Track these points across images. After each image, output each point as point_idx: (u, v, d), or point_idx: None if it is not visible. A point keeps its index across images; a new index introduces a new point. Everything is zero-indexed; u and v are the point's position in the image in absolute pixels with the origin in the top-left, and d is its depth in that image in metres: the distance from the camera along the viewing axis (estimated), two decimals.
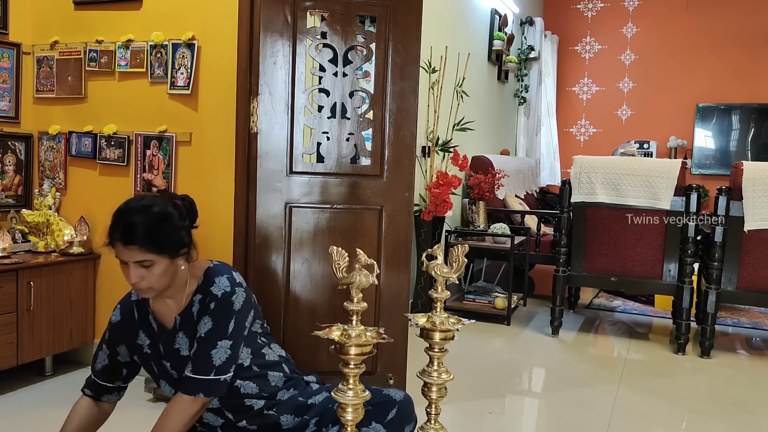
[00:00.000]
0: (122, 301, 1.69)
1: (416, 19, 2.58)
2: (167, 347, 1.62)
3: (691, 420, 2.82)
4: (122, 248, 1.47)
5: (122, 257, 1.49)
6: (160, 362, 1.63)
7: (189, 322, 1.60)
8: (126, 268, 1.50)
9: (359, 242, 2.55)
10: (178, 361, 1.60)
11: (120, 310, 1.67)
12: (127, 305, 1.67)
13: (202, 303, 1.58)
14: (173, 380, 1.62)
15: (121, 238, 1.47)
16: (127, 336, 1.65)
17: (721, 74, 6.62)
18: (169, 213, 1.54)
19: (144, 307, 1.64)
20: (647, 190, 3.66)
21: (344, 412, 1.19)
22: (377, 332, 1.20)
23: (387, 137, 2.59)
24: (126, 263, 1.50)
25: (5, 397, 2.69)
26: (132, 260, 1.48)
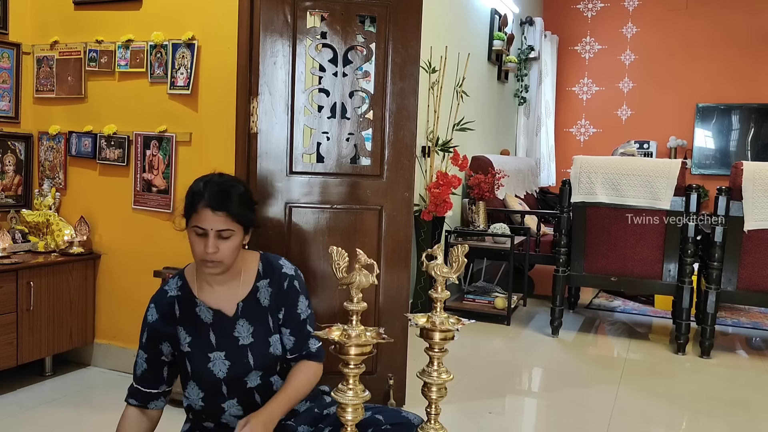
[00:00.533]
0: (156, 299, 1.61)
1: (416, 19, 2.58)
2: (223, 336, 1.56)
3: (691, 420, 2.82)
4: (210, 214, 1.47)
5: (205, 224, 1.47)
6: (204, 355, 1.55)
7: (254, 308, 1.59)
8: (200, 239, 1.49)
9: (359, 242, 2.55)
10: (234, 350, 1.55)
11: (156, 308, 1.59)
12: (166, 301, 1.59)
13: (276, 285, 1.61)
14: (212, 378, 1.54)
15: (212, 204, 1.47)
16: (169, 333, 1.58)
17: (720, 74, 6.62)
18: (249, 193, 1.59)
19: (188, 300, 1.58)
20: (647, 190, 3.66)
21: (344, 412, 1.19)
22: (377, 332, 1.20)
23: (387, 137, 2.59)
24: (204, 232, 1.48)
25: (5, 397, 2.69)
26: (215, 228, 1.47)
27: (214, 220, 1.48)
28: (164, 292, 1.61)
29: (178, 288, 1.60)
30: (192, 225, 1.50)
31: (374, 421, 1.52)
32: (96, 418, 2.55)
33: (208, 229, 1.48)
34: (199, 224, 1.48)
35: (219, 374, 1.54)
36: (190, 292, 1.59)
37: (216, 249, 1.48)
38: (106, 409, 2.63)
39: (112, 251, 3.01)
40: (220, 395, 1.55)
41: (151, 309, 1.59)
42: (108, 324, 3.04)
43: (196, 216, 1.49)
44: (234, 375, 1.55)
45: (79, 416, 2.57)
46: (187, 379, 1.57)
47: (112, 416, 2.54)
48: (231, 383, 1.55)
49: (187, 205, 1.52)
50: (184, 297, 1.59)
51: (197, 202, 1.49)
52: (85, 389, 2.83)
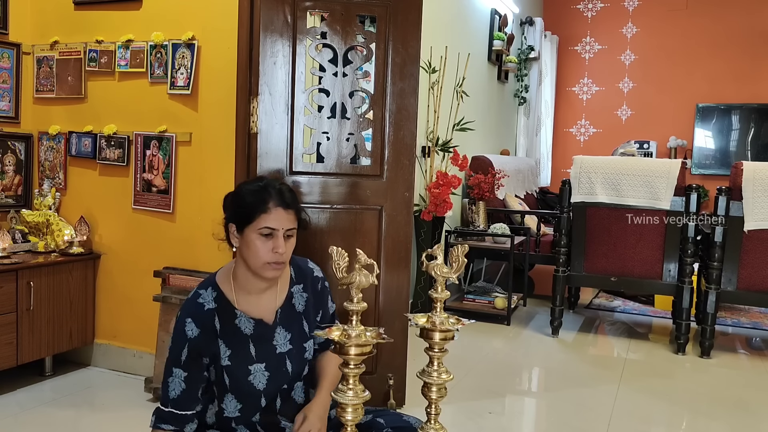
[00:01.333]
0: (191, 312, 1.51)
1: (416, 19, 2.58)
2: (262, 347, 1.53)
3: (691, 420, 2.82)
4: (282, 212, 1.48)
5: (275, 224, 1.47)
6: (245, 368, 1.51)
7: (290, 314, 1.59)
8: (265, 241, 1.47)
9: (359, 242, 2.55)
10: (273, 360, 1.53)
11: (195, 322, 1.49)
12: (204, 315, 1.51)
13: (311, 289, 1.63)
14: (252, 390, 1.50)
15: (283, 203, 1.49)
16: (210, 347, 1.50)
17: (720, 74, 6.62)
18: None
19: (227, 312, 1.53)
20: (647, 190, 3.66)
21: (344, 412, 1.18)
22: (377, 332, 1.20)
23: (387, 137, 2.59)
24: (271, 233, 1.47)
25: (5, 397, 2.69)
26: (285, 227, 1.49)
27: (285, 219, 1.49)
28: (200, 305, 1.52)
29: (214, 299, 1.53)
30: (259, 227, 1.47)
31: (376, 425, 1.52)
32: (96, 418, 2.55)
33: (279, 228, 1.47)
34: (269, 224, 1.47)
35: (259, 386, 1.52)
36: (228, 303, 1.53)
37: (285, 249, 1.48)
38: (106, 409, 2.63)
39: (112, 251, 3.01)
40: (257, 406, 1.53)
41: (189, 324, 1.49)
42: (108, 324, 3.04)
43: (265, 216, 1.47)
44: (274, 386, 1.53)
45: (79, 416, 2.57)
46: (223, 392, 1.51)
47: (112, 416, 2.55)
48: (269, 394, 1.53)
49: (250, 207, 1.48)
50: (222, 309, 1.53)
51: (267, 202, 1.48)
52: (85, 389, 2.83)
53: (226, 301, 1.53)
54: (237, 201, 1.53)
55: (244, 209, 1.50)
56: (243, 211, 1.50)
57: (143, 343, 2.91)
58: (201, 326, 1.50)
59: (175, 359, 1.49)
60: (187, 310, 1.52)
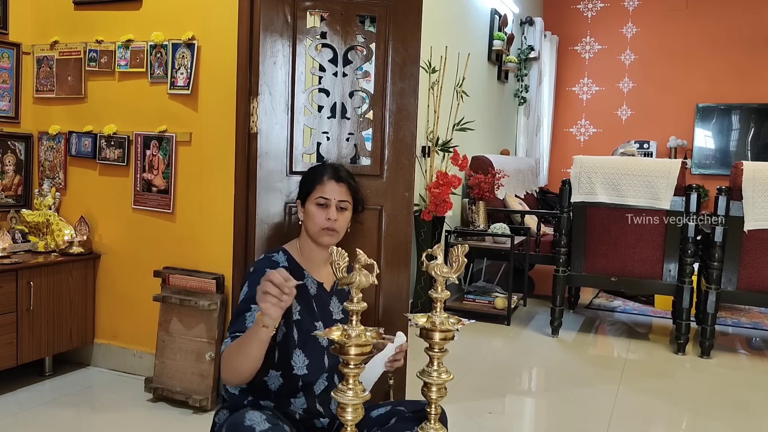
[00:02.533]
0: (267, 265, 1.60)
1: (416, 19, 2.58)
2: (322, 308, 1.68)
3: (691, 420, 2.82)
4: (334, 185, 1.69)
5: (329, 194, 1.67)
6: (312, 324, 1.62)
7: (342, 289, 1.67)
8: (321, 210, 1.66)
9: (359, 242, 2.55)
10: (330, 322, 1.64)
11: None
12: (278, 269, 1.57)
13: None
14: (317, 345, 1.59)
15: (336, 176, 1.72)
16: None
17: (721, 74, 6.62)
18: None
19: (297, 270, 1.67)
20: (647, 190, 3.66)
21: (344, 412, 1.18)
22: (377, 332, 1.20)
23: (387, 137, 2.59)
24: (326, 202, 1.66)
25: (5, 397, 2.69)
26: (337, 198, 1.68)
27: (338, 191, 1.69)
28: (274, 261, 1.66)
29: (286, 260, 1.68)
30: (316, 197, 1.68)
31: (397, 412, 1.57)
32: (96, 418, 2.55)
33: (332, 198, 1.68)
34: (323, 194, 1.67)
35: (322, 342, 1.60)
36: (297, 264, 1.69)
37: (336, 217, 1.67)
38: (106, 409, 2.63)
39: (112, 251, 3.01)
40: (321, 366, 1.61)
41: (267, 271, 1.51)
42: (108, 324, 3.04)
43: (320, 187, 1.68)
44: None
45: (79, 416, 2.57)
46: (291, 349, 1.59)
47: (112, 416, 2.55)
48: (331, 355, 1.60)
49: (309, 181, 1.72)
50: (293, 267, 1.67)
51: (323, 175, 1.71)
52: (85, 389, 2.83)
53: (295, 262, 1.69)
54: (302, 179, 1.78)
55: (305, 185, 1.74)
56: (305, 186, 1.74)
57: (143, 343, 2.91)
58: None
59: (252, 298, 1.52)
60: (263, 264, 1.64)
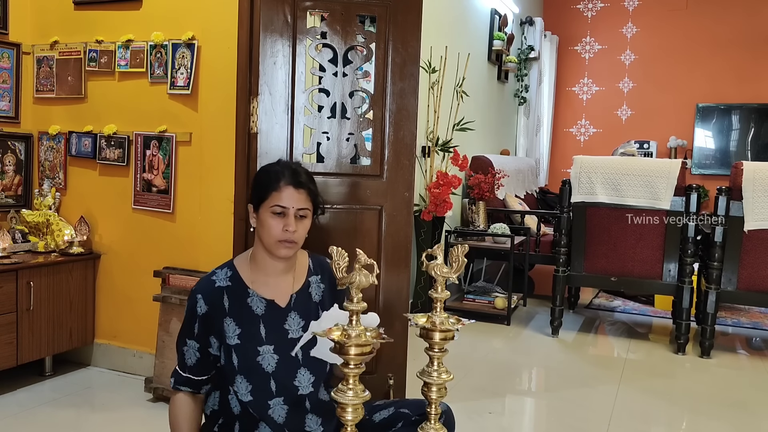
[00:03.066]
0: (202, 290, 1.56)
1: (416, 19, 2.58)
2: (273, 329, 1.55)
3: (691, 420, 2.82)
4: (292, 191, 1.52)
5: (286, 203, 1.52)
6: (254, 349, 1.52)
7: (304, 302, 1.59)
8: (277, 219, 1.51)
9: (359, 242, 2.55)
10: (284, 343, 1.53)
11: (204, 299, 1.54)
12: (214, 293, 1.55)
13: (329, 282, 1.64)
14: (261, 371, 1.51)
15: (294, 182, 1.53)
16: (216, 326, 1.54)
17: (721, 74, 6.62)
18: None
19: (239, 290, 1.56)
20: (647, 190, 3.66)
21: (344, 412, 1.18)
22: (377, 332, 1.20)
23: (387, 137, 2.59)
24: (283, 211, 1.51)
25: (5, 397, 2.69)
26: (296, 206, 1.52)
27: (296, 198, 1.52)
28: (211, 282, 1.57)
29: (228, 278, 1.57)
30: (271, 205, 1.52)
31: (402, 416, 1.53)
32: (96, 418, 2.55)
33: (290, 207, 1.52)
34: (279, 203, 1.51)
35: (267, 368, 1.52)
36: (242, 282, 1.57)
37: (296, 228, 1.52)
38: (106, 409, 2.63)
39: (112, 251, 3.01)
40: (267, 391, 1.52)
41: (199, 300, 1.54)
42: (108, 324, 3.04)
43: (276, 195, 1.52)
44: (282, 370, 1.53)
45: (79, 416, 2.57)
46: (233, 374, 1.52)
47: (112, 416, 2.55)
48: (279, 379, 1.52)
49: (264, 186, 1.54)
50: (235, 287, 1.56)
51: (279, 180, 1.52)
52: (85, 389, 2.83)
53: (240, 280, 1.57)
54: (254, 182, 1.60)
55: (259, 189, 1.56)
56: (258, 189, 1.56)
57: (143, 343, 2.92)
58: (209, 303, 1.54)
59: (189, 332, 1.55)
60: (198, 286, 1.57)
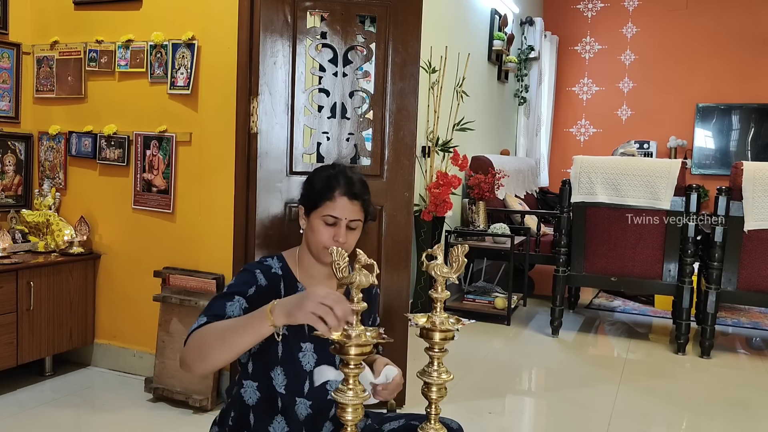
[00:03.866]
0: (260, 268, 1.50)
1: (416, 19, 2.58)
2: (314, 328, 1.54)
3: (691, 420, 2.82)
4: (347, 202, 1.48)
5: (340, 213, 1.47)
6: (297, 344, 1.47)
7: None
8: (328, 227, 1.48)
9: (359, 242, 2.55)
10: (323, 345, 1.46)
11: (264, 275, 1.48)
12: (272, 275, 1.50)
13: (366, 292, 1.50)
14: (300, 368, 1.46)
15: (349, 193, 1.48)
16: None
17: (721, 74, 6.62)
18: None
19: (291, 281, 1.53)
20: (647, 190, 3.66)
21: (344, 412, 1.18)
22: (377, 332, 1.20)
23: (387, 137, 2.59)
24: (336, 221, 1.48)
25: (5, 397, 2.69)
26: (349, 217, 1.48)
27: (350, 210, 1.49)
28: (267, 266, 1.52)
29: (280, 268, 1.54)
30: (324, 213, 1.48)
31: (413, 427, 1.49)
32: (96, 418, 2.55)
33: (342, 218, 1.48)
34: (332, 213, 1.48)
35: (306, 366, 1.48)
36: (292, 274, 1.54)
37: (346, 239, 1.49)
38: (106, 409, 2.63)
39: (112, 251, 3.01)
40: (300, 389, 1.48)
41: (259, 274, 1.48)
42: (108, 324, 3.04)
43: (330, 204, 1.48)
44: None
45: (79, 416, 2.57)
46: (274, 363, 1.47)
47: (112, 416, 2.55)
48: (312, 382, 1.48)
49: (317, 192, 1.49)
50: (287, 277, 1.53)
51: (334, 189, 1.48)
52: (85, 389, 2.83)
53: (290, 272, 1.54)
54: (307, 185, 1.55)
55: (312, 194, 1.52)
56: (311, 195, 1.52)
57: (143, 343, 2.92)
58: (269, 281, 1.49)
59: (241, 291, 1.43)
60: (255, 266, 1.52)
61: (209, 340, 1.27)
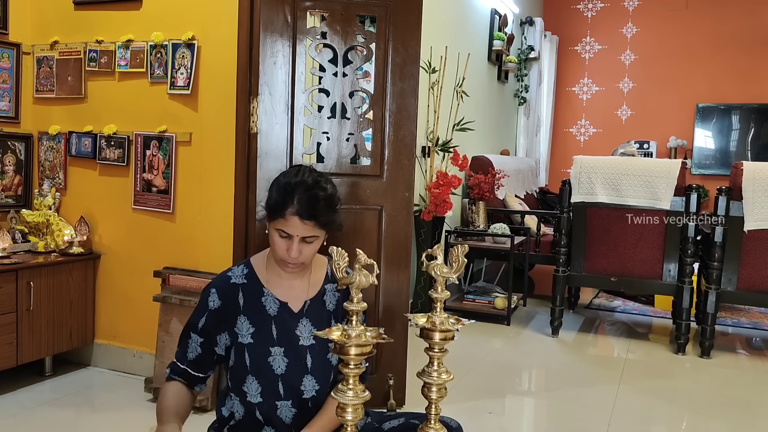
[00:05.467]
0: (217, 284, 1.54)
1: (416, 19, 2.58)
2: (284, 332, 1.52)
3: (691, 420, 2.82)
4: (298, 222, 1.45)
5: (290, 230, 1.46)
6: (266, 350, 1.50)
7: (317, 310, 1.57)
8: (283, 240, 1.48)
9: (359, 242, 2.55)
10: (294, 348, 1.51)
11: (218, 293, 1.52)
12: (230, 289, 1.53)
13: (344, 291, 1.53)
14: (271, 373, 1.49)
15: (302, 213, 1.45)
16: (228, 323, 1.51)
17: (721, 74, 6.62)
18: (336, 194, 1.55)
19: (255, 289, 1.54)
20: (647, 190, 3.66)
21: (344, 412, 1.18)
22: (377, 332, 1.20)
23: (387, 137, 2.59)
24: (289, 237, 1.47)
25: (5, 397, 2.69)
26: (300, 234, 1.46)
27: (302, 228, 1.46)
28: (227, 278, 1.55)
29: (244, 276, 1.55)
30: (277, 227, 1.48)
31: (412, 426, 1.50)
32: (96, 418, 2.55)
33: (294, 235, 1.46)
34: (284, 229, 1.46)
35: (277, 370, 1.50)
36: (258, 280, 1.55)
37: (299, 253, 1.48)
38: (106, 409, 2.64)
39: (112, 251, 3.01)
40: (276, 393, 1.50)
41: (213, 294, 1.52)
42: (108, 324, 3.04)
43: (282, 221, 1.46)
44: (291, 374, 1.51)
45: (79, 416, 2.57)
46: (245, 374, 1.50)
47: (112, 416, 2.55)
48: (287, 383, 1.51)
49: (273, 206, 1.48)
50: (250, 285, 1.54)
51: (285, 208, 1.45)
52: (85, 389, 2.83)
53: (256, 279, 1.55)
54: (269, 191, 1.53)
55: (269, 202, 1.51)
56: (268, 202, 1.51)
57: (143, 343, 2.92)
58: (223, 299, 1.52)
59: (194, 325, 1.53)
60: (214, 281, 1.56)
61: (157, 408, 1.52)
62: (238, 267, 1.58)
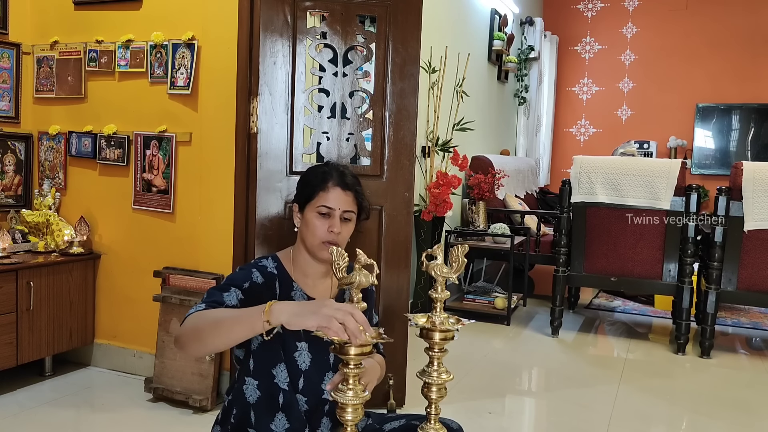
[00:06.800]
0: (257, 266, 1.53)
1: (416, 19, 2.59)
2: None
3: (691, 420, 2.82)
4: (340, 192, 1.52)
5: (333, 203, 1.51)
6: (293, 343, 1.49)
7: None
8: (322, 220, 1.51)
9: (359, 242, 2.55)
10: (318, 345, 1.50)
11: (260, 273, 1.51)
12: (268, 274, 1.53)
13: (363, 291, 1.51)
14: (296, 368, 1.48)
15: (342, 183, 1.52)
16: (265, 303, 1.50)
17: (721, 74, 6.62)
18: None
19: (286, 281, 1.55)
20: (647, 190, 3.66)
21: (344, 413, 1.18)
22: (377, 332, 1.20)
23: (387, 137, 2.59)
24: (329, 212, 1.51)
25: (5, 397, 2.69)
26: (343, 207, 1.51)
27: (343, 200, 1.52)
28: (262, 266, 1.54)
29: (276, 267, 1.56)
30: (317, 205, 1.51)
31: (413, 427, 1.49)
32: (96, 418, 2.55)
33: (336, 208, 1.51)
34: (326, 203, 1.51)
35: (302, 365, 1.50)
36: (287, 274, 1.56)
37: (340, 230, 1.51)
38: (106, 409, 2.64)
39: (112, 251, 3.01)
40: (296, 386, 1.50)
41: (254, 272, 1.50)
42: (108, 324, 3.04)
43: (323, 195, 1.51)
44: (314, 370, 1.51)
45: (79, 416, 2.57)
46: (277, 361, 1.48)
47: (112, 416, 2.55)
48: (309, 378, 1.51)
49: (310, 185, 1.53)
50: (282, 277, 1.55)
51: (326, 180, 1.52)
52: (85, 389, 2.83)
53: (286, 272, 1.56)
54: (301, 180, 1.59)
55: (306, 188, 1.56)
56: (304, 189, 1.56)
57: (143, 343, 2.92)
58: (265, 279, 1.52)
59: (237, 283, 1.46)
60: (251, 265, 1.54)
61: (205, 325, 1.28)
62: (267, 259, 1.58)
